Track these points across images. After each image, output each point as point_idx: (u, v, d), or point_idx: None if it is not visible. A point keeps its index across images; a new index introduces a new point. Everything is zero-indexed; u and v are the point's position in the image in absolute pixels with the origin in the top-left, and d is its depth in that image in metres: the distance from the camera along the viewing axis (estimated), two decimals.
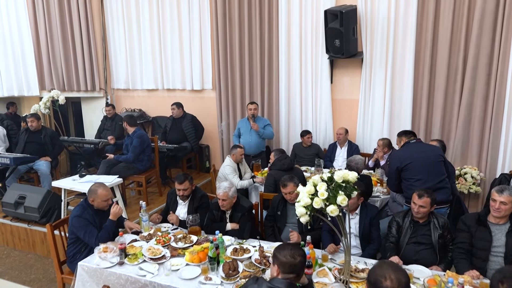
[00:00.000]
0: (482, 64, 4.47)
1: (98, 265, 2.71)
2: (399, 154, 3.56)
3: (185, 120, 5.79)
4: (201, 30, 6.01)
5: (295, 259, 1.93)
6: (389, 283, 1.57)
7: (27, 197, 4.37)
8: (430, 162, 3.38)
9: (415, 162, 3.38)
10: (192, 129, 5.77)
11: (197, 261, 2.67)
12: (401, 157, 3.47)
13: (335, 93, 5.40)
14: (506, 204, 2.58)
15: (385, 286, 1.57)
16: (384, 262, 1.74)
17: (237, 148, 4.56)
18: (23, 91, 6.69)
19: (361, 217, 3.08)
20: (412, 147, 3.52)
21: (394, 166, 3.50)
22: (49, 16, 6.51)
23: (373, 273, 1.65)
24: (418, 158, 3.39)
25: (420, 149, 3.51)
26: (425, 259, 2.78)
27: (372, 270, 1.67)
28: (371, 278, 1.65)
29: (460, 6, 4.51)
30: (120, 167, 4.76)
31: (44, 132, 5.33)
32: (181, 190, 3.40)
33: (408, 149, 3.52)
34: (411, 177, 3.37)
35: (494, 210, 2.63)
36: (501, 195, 2.59)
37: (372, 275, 1.64)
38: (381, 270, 1.62)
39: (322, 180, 2.25)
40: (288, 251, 1.97)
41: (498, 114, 4.51)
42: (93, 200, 3.09)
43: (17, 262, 4.30)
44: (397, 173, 3.47)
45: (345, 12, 4.58)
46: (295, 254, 1.95)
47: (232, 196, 3.23)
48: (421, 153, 3.45)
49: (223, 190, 3.19)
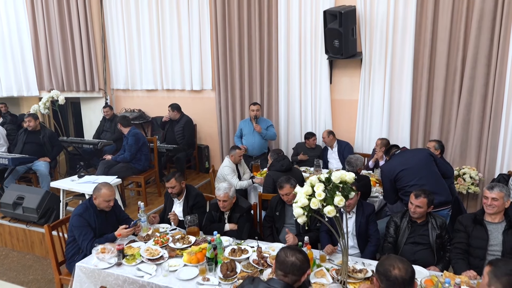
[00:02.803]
0: (480, 64, 4.47)
1: (96, 266, 2.71)
2: (387, 167, 3.58)
3: (179, 123, 5.76)
4: (200, 30, 6.01)
5: (286, 257, 1.95)
6: (397, 272, 1.71)
7: (25, 197, 4.36)
8: (421, 164, 3.40)
9: (405, 169, 3.39)
10: (181, 133, 5.70)
11: (195, 261, 2.67)
12: (391, 169, 3.48)
13: (335, 94, 5.40)
14: (498, 200, 2.65)
15: (394, 274, 1.71)
16: (391, 255, 1.86)
17: (236, 150, 4.55)
18: (22, 91, 6.68)
19: (357, 216, 3.08)
20: (398, 156, 3.57)
21: (386, 179, 3.52)
22: (48, 16, 6.50)
23: (382, 264, 1.79)
24: (407, 163, 3.41)
25: (406, 155, 3.55)
26: (423, 259, 2.78)
27: (381, 262, 1.81)
28: (380, 268, 1.79)
29: (458, 6, 4.51)
30: (118, 168, 4.76)
31: (43, 132, 5.32)
32: (169, 188, 3.45)
33: (394, 159, 3.57)
34: (405, 184, 3.37)
35: (487, 207, 2.69)
36: (492, 192, 2.67)
37: (381, 266, 1.78)
38: (389, 261, 1.77)
39: (320, 181, 2.25)
40: (286, 249, 2.01)
41: (497, 114, 4.51)
42: (96, 198, 3.07)
43: (16, 263, 4.30)
44: (392, 186, 3.48)
45: (344, 13, 4.58)
46: (289, 253, 1.96)
47: (232, 197, 3.25)
48: (409, 158, 3.48)
49: (223, 191, 3.19)
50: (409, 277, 1.72)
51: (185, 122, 5.73)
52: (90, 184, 4.05)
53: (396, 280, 1.70)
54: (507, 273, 1.70)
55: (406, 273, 1.71)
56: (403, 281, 1.70)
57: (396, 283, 1.70)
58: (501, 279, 1.68)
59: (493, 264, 1.79)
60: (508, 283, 1.67)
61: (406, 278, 1.71)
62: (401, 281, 1.70)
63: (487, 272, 1.78)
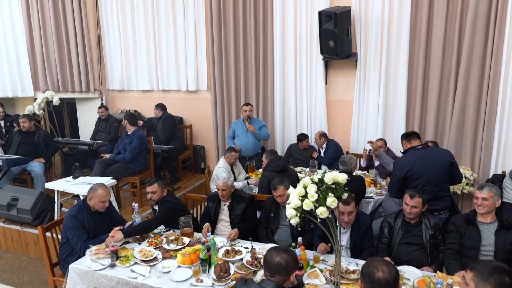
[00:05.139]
0: (475, 65, 4.49)
1: (89, 267, 2.70)
2: (403, 163, 3.30)
3: (159, 120, 5.75)
4: (196, 31, 6.00)
5: (271, 258, 1.96)
6: (381, 274, 1.73)
7: (20, 199, 4.34)
8: (438, 175, 3.21)
9: (420, 171, 3.19)
10: (162, 129, 5.68)
11: (189, 263, 2.67)
12: (406, 166, 3.24)
13: (330, 94, 5.42)
14: (488, 200, 2.67)
15: (378, 276, 1.73)
16: (376, 257, 1.88)
17: (232, 152, 4.55)
18: (17, 92, 6.66)
19: (352, 230, 2.94)
20: (417, 154, 3.27)
21: (398, 175, 3.28)
22: (43, 16, 6.48)
23: (367, 267, 1.81)
24: (423, 167, 3.18)
25: (427, 159, 3.23)
26: (417, 260, 2.79)
27: (365, 265, 1.84)
28: (365, 270, 1.81)
29: (453, 7, 4.53)
30: (115, 168, 4.75)
31: (38, 133, 5.30)
32: (150, 193, 3.34)
33: (412, 156, 3.28)
34: (415, 185, 3.21)
35: (477, 207, 2.72)
36: (482, 192, 2.70)
37: (366, 269, 1.80)
38: (373, 263, 1.79)
39: (313, 182, 2.25)
40: (272, 250, 2.02)
41: (491, 115, 4.54)
42: (91, 198, 3.05)
43: (10, 264, 4.28)
44: (401, 182, 3.28)
45: (339, 13, 4.59)
46: (274, 254, 1.97)
47: (231, 186, 3.40)
48: (429, 163, 3.21)
49: (222, 180, 3.35)
50: (393, 279, 1.74)
51: (165, 117, 5.73)
52: (84, 185, 4.03)
53: (380, 282, 1.72)
54: (492, 272, 1.68)
55: (390, 275, 1.73)
56: (386, 283, 1.72)
57: (380, 285, 1.72)
58: (489, 280, 1.67)
59: (473, 268, 1.75)
60: (497, 282, 1.65)
61: (389, 280, 1.73)
62: (384, 283, 1.72)
63: (470, 278, 1.74)
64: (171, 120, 5.77)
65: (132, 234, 3.05)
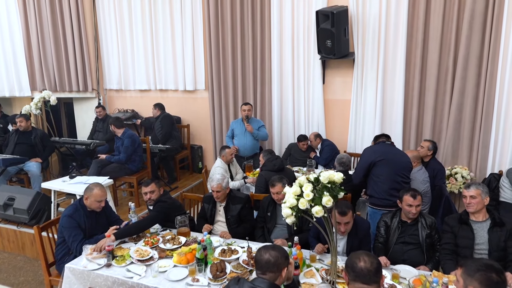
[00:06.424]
0: (472, 65, 4.49)
1: (85, 267, 2.70)
2: (374, 149, 3.68)
3: (157, 120, 5.76)
4: (193, 30, 6.00)
5: (261, 256, 1.99)
6: (363, 264, 1.79)
7: (16, 198, 4.33)
8: (399, 167, 3.50)
9: (387, 160, 3.48)
10: (160, 128, 5.69)
11: (185, 262, 2.66)
12: (376, 152, 3.57)
13: (327, 94, 5.41)
14: (476, 198, 2.70)
15: (359, 265, 1.79)
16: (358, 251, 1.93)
17: (225, 149, 4.55)
18: (14, 92, 6.62)
19: (349, 237, 2.88)
20: (387, 146, 3.66)
21: (368, 159, 3.55)
22: (40, 16, 6.46)
23: (350, 258, 1.88)
24: (391, 159, 3.51)
25: (393, 151, 3.66)
26: (413, 259, 2.80)
27: (349, 257, 1.90)
28: (348, 262, 1.87)
29: (450, 7, 4.54)
30: (112, 168, 4.75)
31: (35, 133, 5.29)
32: (148, 193, 3.31)
33: (383, 147, 3.65)
34: (379, 174, 3.47)
35: (466, 205, 2.75)
36: (469, 190, 2.74)
37: (349, 260, 1.87)
38: (356, 254, 1.86)
39: (308, 181, 2.25)
40: (261, 248, 2.05)
41: (488, 114, 4.54)
42: (87, 198, 3.04)
43: (6, 264, 4.27)
44: (368, 167, 3.54)
45: (337, 13, 4.59)
46: (262, 252, 2.01)
47: (225, 187, 3.35)
48: (395, 155, 3.58)
49: (216, 182, 3.31)
50: (374, 268, 1.78)
51: (163, 117, 5.75)
52: (81, 185, 4.03)
53: (361, 271, 1.77)
54: (479, 268, 1.71)
55: (372, 265, 1.78)
56: (368, 272, 1.76)
57: (362, 274, 1.77)
58: (475, 276, 1.70)
59: (463, 265, 1.81)
60: (483, 278, 1.68)
61: (371, 269, 1.77)
62: (366, 272, 1.77)
63: (459, 275, 1.79)
64: (169, 120, 5.76)
65: (124, 235, 3.01)
